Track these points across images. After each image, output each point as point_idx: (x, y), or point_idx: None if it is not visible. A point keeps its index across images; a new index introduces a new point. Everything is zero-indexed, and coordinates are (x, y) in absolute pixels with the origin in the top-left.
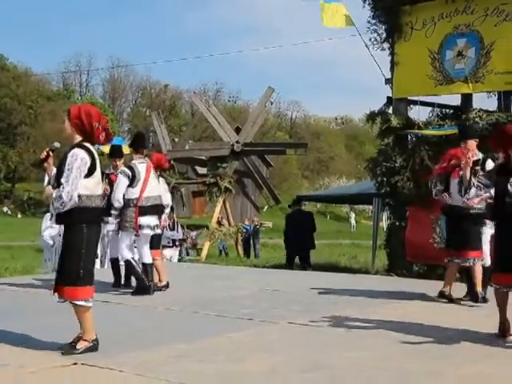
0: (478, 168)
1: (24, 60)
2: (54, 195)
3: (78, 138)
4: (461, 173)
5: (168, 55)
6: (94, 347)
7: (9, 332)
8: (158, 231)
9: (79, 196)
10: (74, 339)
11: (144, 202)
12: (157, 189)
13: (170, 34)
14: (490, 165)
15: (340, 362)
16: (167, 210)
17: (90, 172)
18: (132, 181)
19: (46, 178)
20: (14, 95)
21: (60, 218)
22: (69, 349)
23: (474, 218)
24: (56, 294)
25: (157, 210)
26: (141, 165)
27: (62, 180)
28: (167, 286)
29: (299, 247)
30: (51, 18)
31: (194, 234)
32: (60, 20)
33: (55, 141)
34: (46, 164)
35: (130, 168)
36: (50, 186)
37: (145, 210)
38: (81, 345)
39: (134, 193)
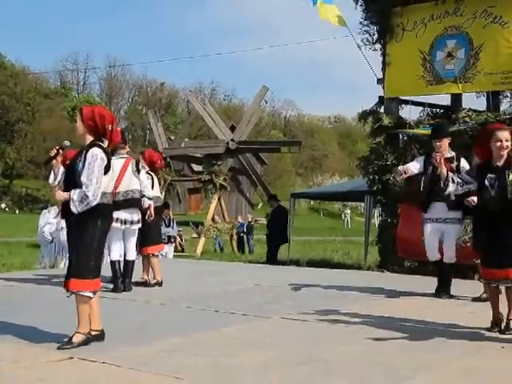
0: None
1: (22, 58)
2: (76, 196)
3: (90, 139)
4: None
5: (165, 54)
6: (89, 340)
7: (5, 327)
8: (134, 226)
9: None
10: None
11: (117, 197)
12: (134, 184)
13: (166, 33)
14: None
15: (333, 357)
16: (149, 202)
17: (106, 170)
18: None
19: (52, 176)
20: (11, 93)
21: (72, 213)
22: (65, 343)
23: None
24: (65, 287)
25: (133, 204)
26: (117, 160)
27: (84, 179)
28: (160, 283)
29: (280, 242)
30: (49, 16)
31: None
32: (58, 19)
33: (65, 139)
34: (54, 161)
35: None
36: (58, 191)
37: (119, 205)
38: (77, 338)
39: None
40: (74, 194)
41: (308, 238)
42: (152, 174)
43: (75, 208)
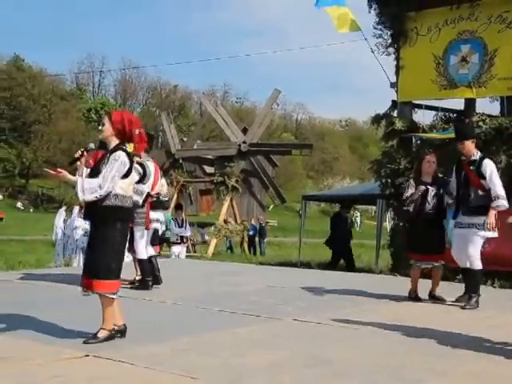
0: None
1: (39, 61)
2: (88, 184)
3: (116, 142)
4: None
5: (178, 57)
6: (113, 336)
7: (20, 324)
8: (163, 227)
9: (116, 195)
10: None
11: (155, 198)
12: (162, 186)
13: (181, 36)
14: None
15: (343, 359)
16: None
17: (127, 174)
18: (143, 177)
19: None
20: (29, 94)
21: (93, 215)
22: (90, 338)
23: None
24: (83, 286)
25: (164, 206)
26: (149, 163)
27: (102, 174)
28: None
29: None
30: (66, 19)
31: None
32: (75, 21)
33: (90, 142)
34: (78, 163)
35: (141, 165)
36: (64, 171)
37: (154, 206)
38: (101, 334)
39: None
40: (86, 181)
41: (319, 240)
42: None
43: (82, 194)
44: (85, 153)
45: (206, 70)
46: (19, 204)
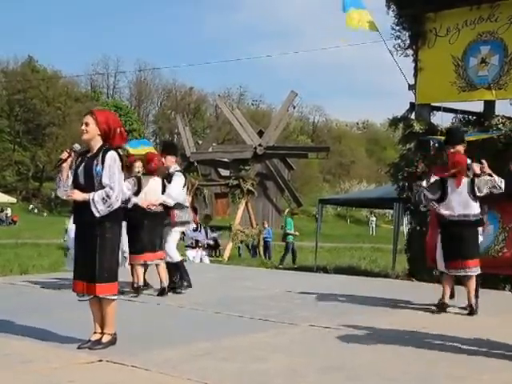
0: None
1: (54, 62)
2: (98, 197)
3: (100, 142)
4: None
5: (193, 59)
6: (115, 340)
7: (34, 328)
8: None
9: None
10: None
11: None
12: None
13: (196, 38)
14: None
15: (359, 365)
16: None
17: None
18: (185, 184)
19: (59, 181)
20: (43, 97)
21: (89, 217)
22: (95, 344)
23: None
24: (83, 291)
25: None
26: (179, 173)
27: (107, 181)
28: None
29: None
30: (81, 21)
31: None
32: (89, 23)
33: (75, 143)
34: (64, 165)
35: (183, 173)
36: (76, 191)
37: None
38: (106, 339)
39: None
40: (96, 195)
41: (335, 244)
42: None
43: (97, 210)
44: (72, 154)
45: (222, 73)
46: (31, 206)
